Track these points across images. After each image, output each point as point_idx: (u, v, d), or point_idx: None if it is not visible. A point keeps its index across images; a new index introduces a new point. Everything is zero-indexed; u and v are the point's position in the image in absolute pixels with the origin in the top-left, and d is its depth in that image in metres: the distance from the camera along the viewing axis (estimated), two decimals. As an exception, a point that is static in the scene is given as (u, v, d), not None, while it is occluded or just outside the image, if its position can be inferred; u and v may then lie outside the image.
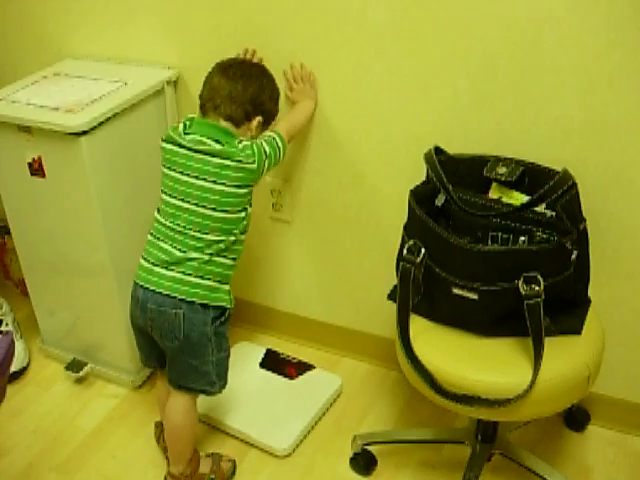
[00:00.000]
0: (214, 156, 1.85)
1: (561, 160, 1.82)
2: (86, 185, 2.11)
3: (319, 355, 2.53)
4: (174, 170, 1.90)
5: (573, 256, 1.65)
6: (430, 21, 1.89)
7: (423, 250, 1.71)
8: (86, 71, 2.35)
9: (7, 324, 2.64)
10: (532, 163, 1.84)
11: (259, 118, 1.96)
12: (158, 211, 1.96)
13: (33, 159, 2.15)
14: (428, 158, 1.83)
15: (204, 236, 1.89)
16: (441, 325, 1.80)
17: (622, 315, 2.04)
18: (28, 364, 2.59)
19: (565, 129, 1.88)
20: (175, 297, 1.90)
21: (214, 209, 1.88)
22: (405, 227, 1.83)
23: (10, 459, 2.24)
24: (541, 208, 1.70)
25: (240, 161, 1.86)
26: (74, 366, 2.48)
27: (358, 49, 2.02)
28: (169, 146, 1.91)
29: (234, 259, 1.97)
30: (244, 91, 1.92)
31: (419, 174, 1.88)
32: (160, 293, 1.91)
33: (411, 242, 1.73)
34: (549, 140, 1.90)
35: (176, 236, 1.90)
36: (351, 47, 2.02)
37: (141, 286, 1.95)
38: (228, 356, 2.04)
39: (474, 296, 1.67)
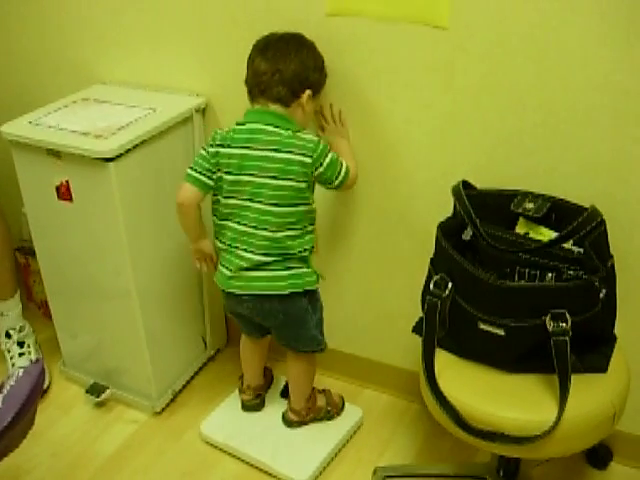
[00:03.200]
0: (268, 150, 1.91)
1: (588, 196, 1.81)
2: (113, 210, 2.12)
3: (340, 386, 2.51)
4: (230, 173, 1.94)
5: (602, 294, 1.64)
6: (459, 55, 1.90)
7: (450, 284, 1.71)
8: (115, 97, 2.36)
9: (29, 345, 2.65)
10: (559, 199, 1.83)
11: (308, 92, 1.95)
12: (222, 219, 2.01)
13: (61, 183, 2.16)
14: (456, 192, 1.83)
15: (272, 234, 1.96)
16: (466, 360, 1.79)
17: (647, 353, 2.03)
18: (49, 386, 2.60)
19: (593, 165, 1.87)
20: (266, 294, 2.02)
21: (275, 205, 1.94)
22: (432, 261, 1.83)
23: (29, 481, 2.24)
24: (569, 245, 1.69)
25: (291, 152, 1.91)
26: (95, 390, 2.49)
27: (387, 81, 2.02)
28: (224, 150, 1.94)
29: (308, 250, 2.04)
30: (286, 70, 1.91)
31: (445, 207, 1.88)
32: (252, 295, 2.01)
33: (438, 276, 1.73)
34: (577, 176, 1.90)
35: (248, 239, 1.98)
36: (380, 79, 2.03)
37: (229, 293, 2.05)
38: (322, 310, 2.19)
39: (501, 332, 1.67)
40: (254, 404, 2.36)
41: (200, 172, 1.97)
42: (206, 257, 2.16)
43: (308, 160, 1.92)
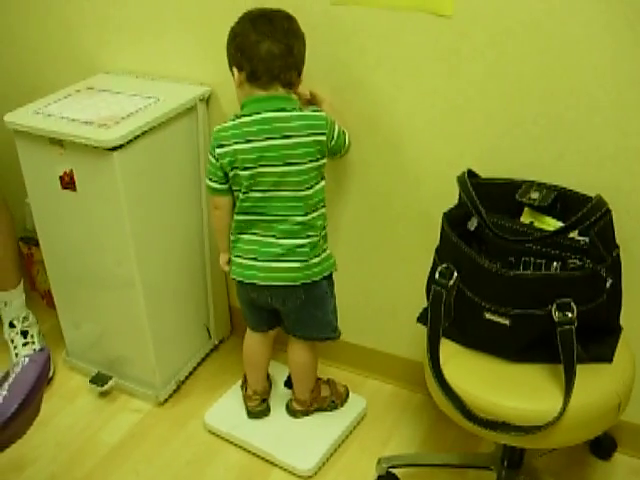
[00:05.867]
0: (285, 137, 1.89)
1: (594, 186, 1.81)
2: (117, 200, 2.12)
3: (344, 376, 2.51)
4: (248, 168, 1.91)
5: (607, 284, 1.63)
6: (464, 44, 1.89)
7: (455, 274, 1.70)
8: (119, 86, 2.36)
9: (32, 335, 2.65)
10: (565, 188, 1.83)
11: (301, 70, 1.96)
12: (244, 212, 1.98)
13: (65, 172, 2.16)
14: (461, 181, 1.82)
15: (303, 218, 1.97)
16: (472, 350, 1.78)
17: (652, 343, 2.03)
18: (53, 376, 2.60)
19: (598, 155, 1.87)
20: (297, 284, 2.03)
21: (302, 190, 1.94)
22: (437, 250, 1.82)
23: (33, 470, 2.24)
24: (574, 234, 1.69)
25: (308, 134, 1.90)
26: (99, 379, 2.49)
27: (390, 70, 2.02)
28: (234, 147, 1.90)
29: (324, 227, 2.05)
30: (298, 53, 1.90)
31: (450, 197, 1.87)
32: (277, 286, 2.03)
33: (443, 266, 1.72)
34: (582, 165, 1.89)
35: (279, 226, 1.97)
36: (384, 68, 2.02)
37: (253, 284, 2.03)
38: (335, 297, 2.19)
39: (506, 321, 1.66)
40: (260, 410, 2.33)
41: (213, 180, 1.97)
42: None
43: (323, 138, 1.92)
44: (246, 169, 1.91)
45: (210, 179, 1.98)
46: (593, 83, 1.79)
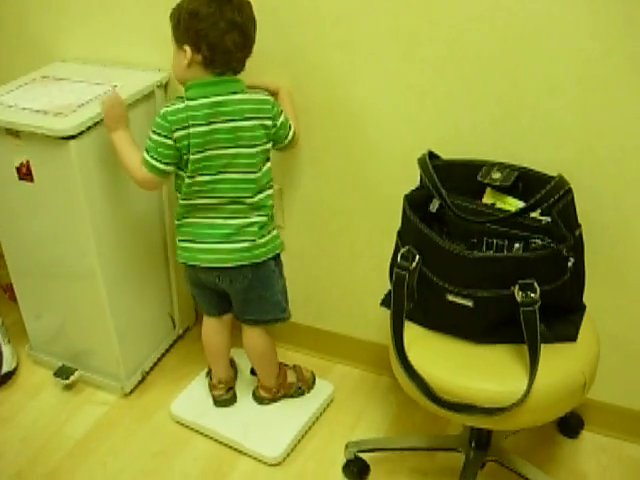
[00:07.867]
0: (235, 120, 1.88)
1: (555, 166, 1.81)
2: (75, 190, 2.08)
3: (311, 361, 2.51)
4: (199, 152, 1.88)
5: (570, 263, 1.63)
6: (424, 23, 1.87)
7: (417, 256, 1.69)
8: (75, 74, 2.32)
9: (-6, 329, 2.62)
10: (526, 168, 1.82)
11: None
12: (190, 197, 1.96)
13: (21, 163, 2.12)
14: (422, 163, 1.81)
15: (252, 199, 1.96)
16: (435, 332, 1.78)
17: (616, 321, 2.03)
18: (16, 370, 2.56)
19: (559, 134, 1.86)
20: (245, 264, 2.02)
21: (251, 172, 1.94)
22: (399, 233, 1.81)
23: (-2, 467, 2.22)
24: (536, 214, 1.68)
25: (255, 117, 1.91)
26: (63, 372, 2.46)
27: (350, 52, 2.00)
28: (188, 131, 1.86)
29: (272, 207, 2.04)
30: (253, 43, 1.89)
31: (412, 179, 1.86)
32: (225, 267, 2.01)
33: (405, 248, 1.71)
34: (543, 145, 1.89)
35: (228, 207, 1.96)
36: (343, 50, 2.00)
37: (202, 267, 2.03)
38: (285, 279, 2.18)
39: (469, 303, 1.66)
40: (226, 399, 2.32)
41: (162, 162, 1.91)
42: None
43: (268, 122, 1.93)
44: (198, 152, 1.88)
45: (158, 160, 1.90)
46: (553, 62, 1.78)
